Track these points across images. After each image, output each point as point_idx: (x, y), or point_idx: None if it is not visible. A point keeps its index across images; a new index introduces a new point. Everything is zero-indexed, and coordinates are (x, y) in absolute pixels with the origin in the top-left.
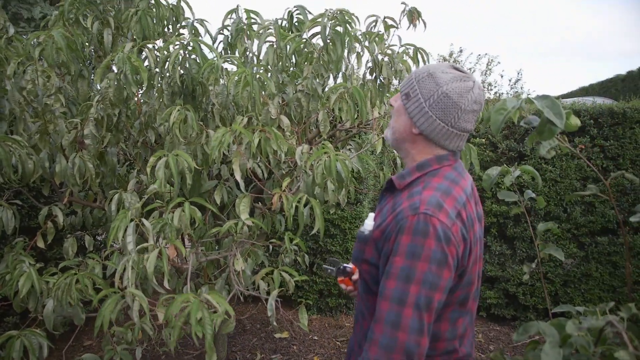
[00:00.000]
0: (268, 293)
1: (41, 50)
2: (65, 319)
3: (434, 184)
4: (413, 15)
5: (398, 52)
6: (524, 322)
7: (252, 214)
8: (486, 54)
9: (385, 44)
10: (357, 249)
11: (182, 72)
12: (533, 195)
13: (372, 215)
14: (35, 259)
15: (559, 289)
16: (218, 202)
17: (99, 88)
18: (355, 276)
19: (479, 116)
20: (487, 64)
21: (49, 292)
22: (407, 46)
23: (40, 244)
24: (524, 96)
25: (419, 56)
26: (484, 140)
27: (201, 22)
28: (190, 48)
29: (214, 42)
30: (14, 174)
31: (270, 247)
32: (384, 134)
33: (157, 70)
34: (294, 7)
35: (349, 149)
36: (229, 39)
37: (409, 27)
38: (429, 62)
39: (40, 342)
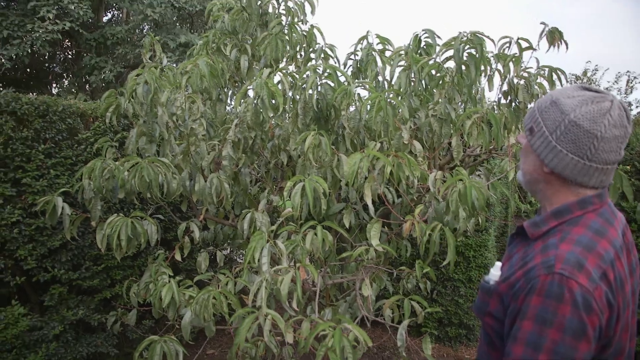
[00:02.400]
0: (392, 320)
1: (188, 78)
2: (196, 328)
3: (574, 235)
4: (554, 36)
5: (534, 75)
6: None
7: (379, 238)
8: (628, 72)
9: (521, 67)
10: (480, 299)
11: (317, 97)
12: None
13: (498, 264)
14: (171, 270)
15: None
16: (347, 225)
17: (235, 111)
18: None
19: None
20: (628, 82)
21: (187, 304)
22: (543, 68)
23: (178, 257)
24: None
25: (555, 77)
26: (628, 167)
27: (331, 47)
28: (326, 74)
29: (344, 67)
30: (160, 192)
31: (395, 273)
32: (517, 176)
33: (291, 94)
34: (422, 30)
35: (478, 175)
36: (359, 63)
37: (548, 49)
38: (566, 84)
39: (177, 348)
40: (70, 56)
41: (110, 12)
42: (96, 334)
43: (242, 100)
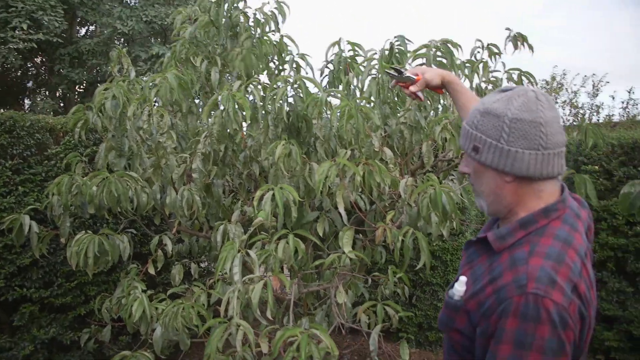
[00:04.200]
0: (369, 326)
1: (157, 91)
2: (172, 342)
3: (543, 247)
4: (518, 40)
5: (501, 79)
6: None
7: (353, 245)
8: (593, 74)
9: (488, 71)
10: (446, 314)
11: (287, 108)
12: None
13: (463, 279)
14: (145, 284)
15: None
16: (320, 233)
17: (205, 122)
18: (414, 88)
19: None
20: (594, 85)
21: (158, 317)
22: (512, 71)
23: (151, 271)
24: (639, 117)
25: (524, 80)
26: (596, 167)
27: (302, 56)
28: (296, 85)
29: (320, 75)
30: (130, 206)
31: (370, 280)
32: (478, 205)
33: (261, 104)
34: (395, 37)
35: (452, 179)
36: (333, 72)
37: (513, 52)
38: (536, 86)
39: None
40: (43, 71)
41: (85, 28)
42: (70, 352)
43: (212, 112)
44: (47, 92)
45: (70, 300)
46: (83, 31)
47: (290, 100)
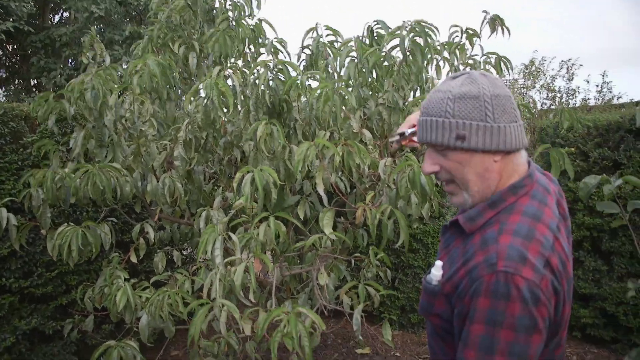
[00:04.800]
0: (351, 308)
1: (139, 78)
2: (156, 329)
3: (512, 225)
4: (496, 23)
5: (480, 62)
6: (627, 345)
7: (335, 228)
8: (569, 59)
9: (466, 54)
10: (425, 300)
11: (268, 92)
12: None
13: (439, 264)
14: (127, 272)
15: None
16: (301, 216)
17: (186, 110)
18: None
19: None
20: (568, 69)
21: (143, 306)
22: (490, 55)
23: (134, 259)
24: (614, 101)
25: (502, 65)
26: (573, 149)
27: (280, 41)
28: (277, 69)
29: (296, 60)
30: (113, 196)
31: (352, 262)
32: (455, 203)
33: (241, 89)
34: (374, 21)
35: None
36: (312, 57)
37: (490, 35)
38: (511, 71)
39: (134, 354)
40: (15, 60)
41: (58, 15)
42: (53, 342)
43: (193, 99)
44: (21, 82)
45: (51, 290)
46: (57, 18)
47: (271, 84)
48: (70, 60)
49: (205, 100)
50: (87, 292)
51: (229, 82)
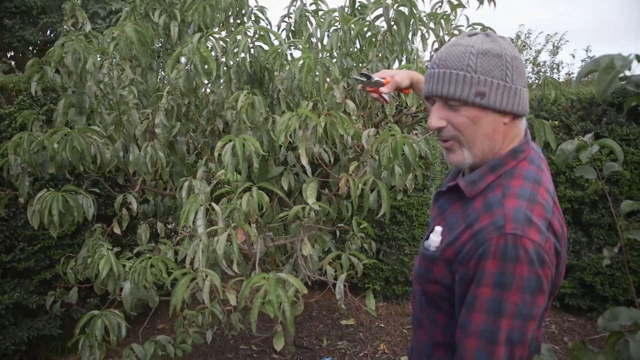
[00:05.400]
0: (335, 278)
1: (115, 45)
2: (140, 301)
3: (515, 189)
4: None
5: (464, 32)
6: (602, 313)
7: (319, 199)
8: (556, 34)
9: (451, 25)
10: (422, 267)
11: (249, 59)
12: (616, 167)
13: (438, 229)
14: (111, 244)
15: None
16: (285, 187)
17: (168, 79)
18: (385, 89)
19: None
20: (554, 44)
21: (126, 275)
22: (475, 26)
23: (117, 230)
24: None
25: None
26: (556, 122)
27: (261, 9)
28: (257, 36)
29: (278, 29)
30: (93, 163)
31: (337, 233)
32: (453, 161)
33: (224, 59)
34: None
35: (416, 134)
36: (292, 25)
37: (478, 7)
38: None
39: (119, 322)
40: None
41: None
42: (37, 317)
43: (175, 68)
44: None
45: (34, 265)
46: None
47: (252, 52)
48: (49, 31)
49: (187, 66)
50: (70, 264)
51: (212, 52)
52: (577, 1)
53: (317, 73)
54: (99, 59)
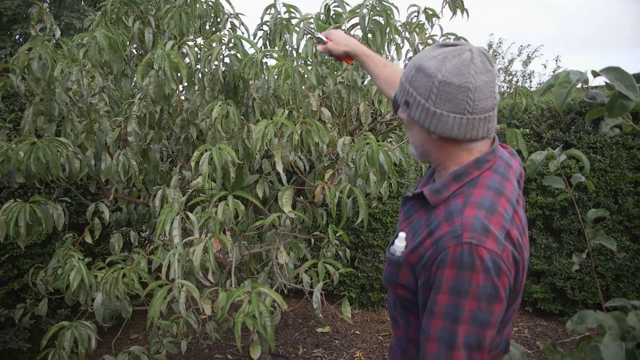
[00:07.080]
0: (311, 286)
1: (85, 51)
2: (114, 312)
3: (476, 198)
4: (456, 4)
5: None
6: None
7: (294, 207)
8: (529, 45)
9: (426, 34)
10: (389, 271)
11: (223, 68)
12: (582, 179)
13: (402, 235)
14: (83, 255)
15: (611, 284)
16: (260, 196)
17: (140, 84)
18: (320, 48)
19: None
20: (528, 55)
21: (98, 286)
22: (448, 35)
23: (88, 239)
24: None
25: None
26: (527, 130)
27: (236, 16)
28: (231, 44)
29: (254, 38)
30: (62, 172)
31: (312, 241)
32: (410, 153)
33: (198, 67)
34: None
35: (390, 142)
36: (268, 34)
37: (452, 17)
38: None
39: (89, 334)
40: None
41: None
42: (4, 329)
43: (146, 74)
44: None
45: (1, 275)
46: None
47: (227, 60)
48: (18, 37)
49: (158, 72)
50: (39, 274)
51: (186, 60)
52: (546, 13)
53: (294, 81)
54: (66, 66)
